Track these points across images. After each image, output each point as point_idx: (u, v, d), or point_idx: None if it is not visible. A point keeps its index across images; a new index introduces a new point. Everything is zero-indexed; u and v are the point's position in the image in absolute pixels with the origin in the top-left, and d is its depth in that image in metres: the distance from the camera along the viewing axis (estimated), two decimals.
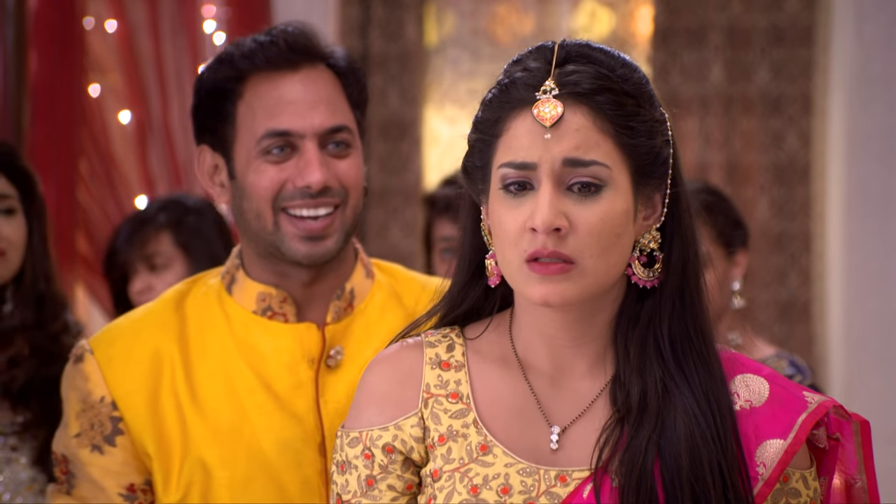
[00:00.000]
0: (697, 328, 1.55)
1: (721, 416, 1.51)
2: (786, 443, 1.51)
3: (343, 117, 1.90)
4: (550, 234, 1.47)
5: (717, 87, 4.83)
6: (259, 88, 1.88)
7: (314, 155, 1.86)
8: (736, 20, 4.85)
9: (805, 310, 4.82)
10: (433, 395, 1.58)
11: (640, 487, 1.48)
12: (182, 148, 4.30)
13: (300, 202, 1.86)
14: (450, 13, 5.12)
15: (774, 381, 1.56)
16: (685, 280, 1.55)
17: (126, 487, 1.88)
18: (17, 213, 2.48)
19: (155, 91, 4.28)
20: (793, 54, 4.83)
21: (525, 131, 1.50)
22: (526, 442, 1.55)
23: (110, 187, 4.25)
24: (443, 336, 1.62)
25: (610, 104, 1.50)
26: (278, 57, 1.87)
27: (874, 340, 4.78)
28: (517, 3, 5.09)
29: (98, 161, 4.23)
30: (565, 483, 1.52)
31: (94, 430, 1.88)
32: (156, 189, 4.28)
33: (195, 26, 4.31)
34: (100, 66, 4.25)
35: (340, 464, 1.59)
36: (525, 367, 1.58)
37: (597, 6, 5.06)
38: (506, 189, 1.51)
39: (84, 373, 1.89)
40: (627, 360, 1.55)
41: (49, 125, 3.93)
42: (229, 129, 1.90)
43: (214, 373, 1.89)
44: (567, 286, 1.49)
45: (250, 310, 1.92)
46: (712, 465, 1.49)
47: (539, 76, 1.51)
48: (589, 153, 1.48)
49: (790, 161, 4.84)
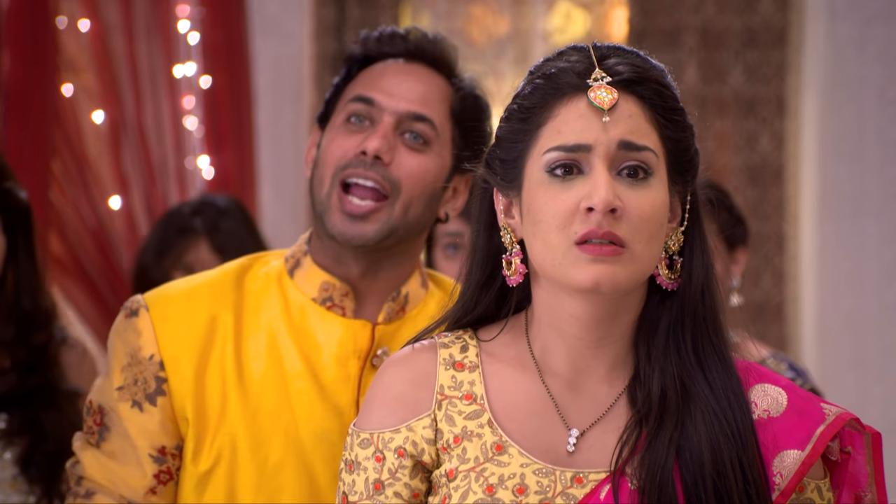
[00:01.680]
0: (717, 329, 1.56)
1: (741, 413, 1.52)
2: (803, 454, 1.51)
3: (432, 111, 1.91)
4: (606, 214, 1.48)
5: (691, 89, 4.85)
6: (372, 70, 1.94)
7: (384, 130, 1.88)
8: (710, 22, 4.87)
9: (778, 311, 4.85)
10: (447, 396, 1.57)
11: (661, 489, 1.48)
12: (156, 148, 4.28)
13: (352, 171, 1.88)
14: (425, 14, 5.12)
15: (792, 391, 1.56)
16: (707, 285, 1.56)
17: (157, 449, 1.88)
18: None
19: (129, 91, 4.27)
20: (766, 56, 4.86)
21: (577, 115, 1.51)
22: (541, 443, 1.54)
23: (84, 187, 4.23)
24: (456, 337, 1.61)
25: (654, 95, 1.53)
26: (402, 50, 1.93)
27: (847, 341, 4.80)
28: (492, 4, 5.10)
29: (71, 161, 4.21)
30: (582, 484, 1.51)
31: (138, 385, 1.88)
32: (129, 189, 4.26)
33: (169, 26, 4.29)
34: (73, 66, 4.23)
35: (349, 463, 1.58)
36: (542, 369, 1.57)
37: (572, 7, 5.07)
38: (552, 173, 1.51)
39: (137, 328, 1.89)
40: (648, 361, 1.55)
41: (22, 125, 3.91)
42: (333, 105, 1.96)
43: (264, 352, 1.90)
44: (618, 269, 1.48)
45: (311, 297, 1.92)
46: (733, 461, 1.49)
47: (586, 65, 1.53)
48: (642, 139, 1.50)
49: (763, 162, 4.87)
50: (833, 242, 4.81)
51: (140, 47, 4.27)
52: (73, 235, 4.23)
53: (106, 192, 4.25)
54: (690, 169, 1.57)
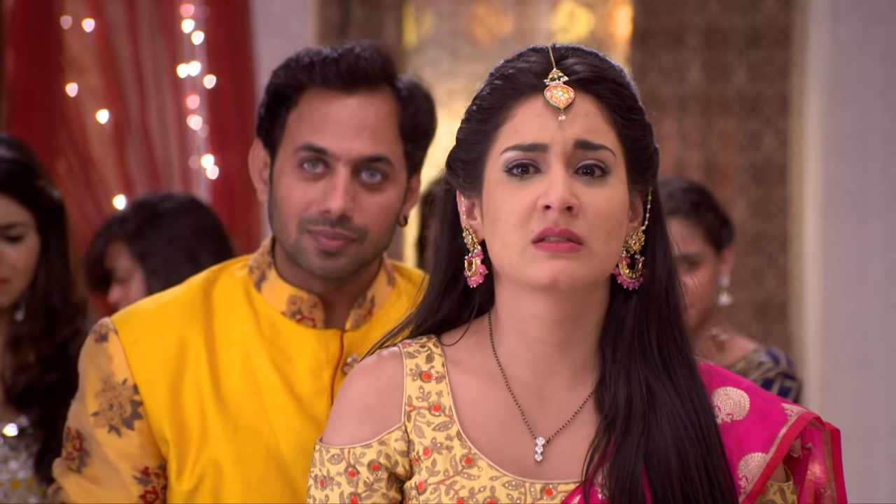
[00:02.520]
0: (682, 333, 1.57)
1: (705, 416, 1.52)
2: (767, 456, 1.52)
3: (385, 148, 1.90)
4: (562, 212, 1.48)
5: (694, 88, 4.86)
6: (312, 102, 1.90)
7: (342, 180, 1.87)
8: (713, 21, 4.87)
9: (782, 310, 4.85)
10: (415, 407, 1.56)
11: (631, 496, 1.48)
12: (160, 147, 4.29)
13: (321, 228, 1.87)
14: (429, 14, 5.13)
15: (754, 393, 1.57)
16: (670, 285, 1.56)
17: (140, 471, 1.87)
18: (26, 237, 2.47)
19: (133, 90, 4.27)
20: (770, 55, 4.86)
21: (534, 115, 1.51)
22: (510, 454, 1.54)
23: (88, 187, 4.23)
24: (420, 346, 1.61)
25: (611, 94, 1.53)
26: (335, 77, 1.89)
27: (851, 340, 4.81)
28: (496, 3, 5.11)
29: (76, 161, 4.22)
30: (551, 496, 1.52)
31: (113, 410, 1.88)
32: (134, 189, 4.27)
33: (173, 26, 4.30)
34: (77, 66, 4.23)
35: (320, 479, 1.57)
36: (508, 376, 1.57)
37: (575, 7, 5.08)
38: (509, 172, 1.51)
39: (107, 352, 1.89)
40: (614, 363, 1.55)
41: (26, 125, 3.91)
42: (278, 132, 1.93)
43: (239, 368, 1.90)
44: (576, 265, 1.48)
45: (280, 311, 1.92)
46: (699, 464, 1.49)
47: (544, 65, 1.53)
48: (598, 138, 1.51)
49: (767, 161, 4.87)
50: (837, 241, 4.82)
51: (144, 47, 4.28)
52: (77, 235, 4.22)
53: (110, 191, 4.26)
54: (650, 168, 1.57)
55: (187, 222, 3.23)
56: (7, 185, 2.44)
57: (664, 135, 4.85)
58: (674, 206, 2.78)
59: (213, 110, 4.27)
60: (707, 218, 2.79)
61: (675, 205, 2.78)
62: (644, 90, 4.91)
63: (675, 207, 2.78)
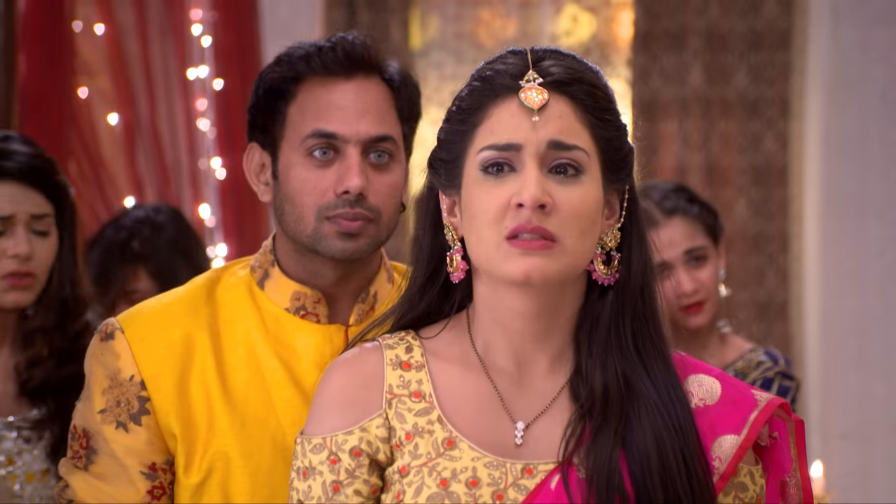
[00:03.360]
0: (656, 325, 1.60)
1: (682, 407, 1.56)
2: (740, 438, 1.57)
3: (390, 128, 1.92)
4: (535, 210, 1.52)
5: (696, 90, 4.88)
6: (312, 91, 1.92)
7: (356, 161, 1.89)
8: (714, 24, 4.89)
9: (782, 309, 4.86)
10: (396, 395, 1.59)
11: (609, 478, 1.52)
12: (169, 149, 4.32)
13: (340, 211, 1.89)
14: (434, 17, 5.16)
15: (725, 380, 1.62)
16: (645, 281, 1.60)
17: (148, 466, 1.89)
18: (51, 232, 2.50)
19: (143, 93, 4.30)
20: (770, 58, 4.88)
21: (509, 116, 1.55)
22: (491, 437, 1.57)
23: (99, 188, 4.27)
24: (399, 339, 1.64)
25: (586, 95, 1.57)
26: (334, 63, 1.91)
27: (850, 340, 4.83)
28: (500, 7, 5.14)
29: (87, 162, 4.26)
30: (532, 475, 1.55)
31: (121, 407, 1.89)
32: (144, 190, 4.31)
33: (183, 29, 4.33)
34: (88, 69, 4.27)
35: (303, 470, 1.60)
36: (486, 365, 1.61)
37: (578, 11, 5.11)
38: (485, 170, 1.55)
39: (114, 350, 1.91)
40: (590, 355, 1.58)
41: (38, 127, 3.92)
42: (278, 128, 1.94)
43: (245, 363, 1.91)
44: (549, 262, 1.53)
45: (283, 307, 1.94)
46: (676, 454, 1.53)
47: (520, 67, 1.57)
48: (571, 138, 1.55)
49: (768, 163, 4.89)
50: (836, 241, 4.84)
51: (154, 50, 4.31)
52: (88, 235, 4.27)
53: (121, 192, 4.30)
54: (624, 167, 1.60)
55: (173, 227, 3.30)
56: (34, 178, 2.47)
57: (666, 137, 4.88)
58: (671, 205, 2.82)
59: (221, 113, 4.31)
60: (703, 213, 2.85)
61: (672, 204, 2.83)
62: (646, 93, 4.99)
63: (672, 207, 2.82)
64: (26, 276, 2.46)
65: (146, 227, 3.29)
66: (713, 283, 2.82)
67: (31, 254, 2.45)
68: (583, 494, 1.52)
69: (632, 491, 1.52)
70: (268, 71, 1.96)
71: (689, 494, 1.52)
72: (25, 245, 2.44)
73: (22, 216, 2.46)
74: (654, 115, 4.88)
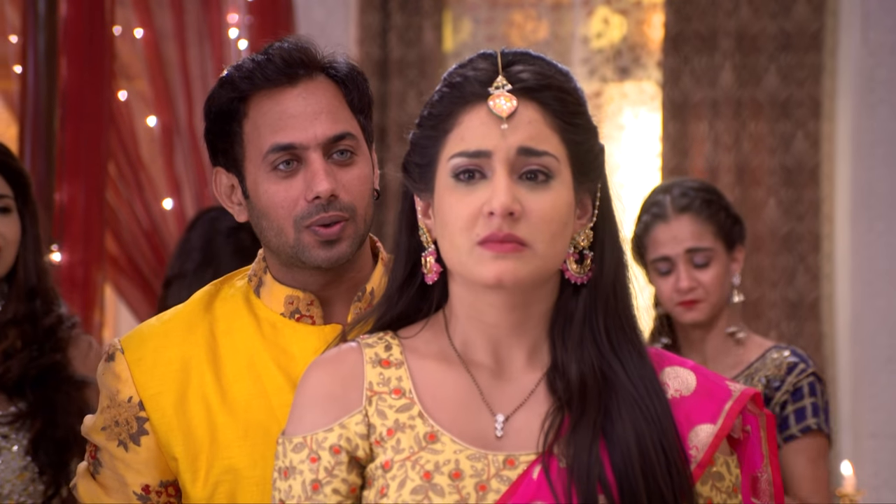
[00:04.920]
0: (629, 320, 1.62)
1: (658, 400, 1.58)
2: (716, 427, 1.59)
3: (345, 125, 1.91)
4: (505, 217, 1.54)
5: (726, 92, 4.89)
6: (262, 106, 1.90)
7: (320, 165, 1.88)
8: (745, 26, 4.91)
9: (813, 308, 4.86)
10: (376, 392, 1.61)
11: (589, 468, 1.54)
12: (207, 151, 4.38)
13: (316, 218, 1.89)
14: (466, 20, 5.21)
15: (700, 372, 1.64)
16: (618, 278, 1.62)
17: (142, 487, 1.92)
18: (12, 211, 2.55)
19: (181, 96, 4.36)
20: (801, 59, 4.88)
21: (479, 123, 1.57)
22: (472, 431, 1.59)
23: (138, 189, 4.33)
24: (378, 338, 1.65)
25: (555, 101, 1.58)
26: (275, 73, 1.90)
27: (881, 339, 4.83)
28: (532, 10, 5.17)
29: (126, 164, 4.32)
30: (514, 466, 1.56)
31: (120, 427, 1.92)
32: (181, 191, 4.37)
33: (219, 33, 4.39)
34: (128, 72, 4.34)
35: (283, 470, 1.60)
36: (465, 361, 1.62)
37: (609, 13, 5.14)
38: (457, 177, 1.57)
39: (114, 371, 1.94)
40: (565, 350, 1.61)
41: (79, 129, 3.98)
42: (238, 148, 1.93)
43: (244, 373, 1.92)
44: (520, 265, 1.55)
45: (279, 312, 1.95)
46: (655, 445, 1.55)
47: (490, 73, 1.58)
48: (541, 144, 1.57)
49: (798, 163, 4.90)
50: (867, 241, 4.84)
51: (191, 54, 4.37)
52: (127, 235, 4.34)
53: (159, 193, 4.36)
54: (594, 168, 1.62)
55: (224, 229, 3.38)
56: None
57: (697, 138, 4.90)
58: (686, 202, 2.85)
59: None
60: (718, 216, 2.85)
61: (687, 201, 2.85)
62: (676, 94, 5.02)
63: (686, 204, 2.85)
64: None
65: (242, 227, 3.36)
66: (714, 286, 2.83)
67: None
68: (564, 483, 1.54)
69: (613, 480, 1.53)
70: (214, 95, 1.95)
71: (668, 483, 1.54)
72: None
73: None
74: (684, 116, 4.90)
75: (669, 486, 1.55)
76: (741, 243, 2.90)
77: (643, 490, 1.53)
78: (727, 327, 2.89)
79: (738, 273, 2.89)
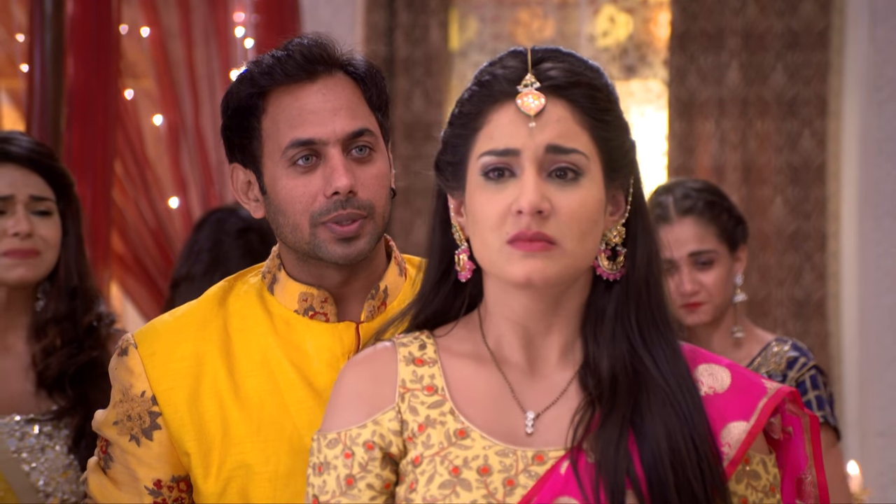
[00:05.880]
0: (663, 317, 1.62)
1: (690, 395, 1.58)
2: (749, 424, 1.59)
3: (364, 121, 1.91)
4: (534, 216, 1.54)
5: (733, 90, 4.89)
6: (281, 102, 1.91)
7: (339, 160, 1.88)
8: (752, 24, 4.90)
9: (820, 307, 4.86)
10: (409, 389, 1.62)
11: (616, 462, 1.54)
12: (213, 150, 4.38)
13: (333, 215, 1.89)
14: (472, 18, 5.21)
15: (735, 370, 1.64)
16: (650, 273, 1.62)
17: (154, 482, 1.92)
18: (53, 214, 2.56)
19: (187, 95, 4.37)
20: (808, 57, 4.88)
21: (507, 121, 1.57)
22: (502, 427, 1.60)
23: (144, 188, 4.34)
24: (413, 337, 1.67)
25: (585, 98, 1.58)
26: (296, 69, 1.90)
27: (888, 337, 4.83)
28: (538, 8, 5.17)
29: (132, 162, 4.32)
30: (542, 462, 1.57)
31: (132, 421, 1.92)
32: (188, 190, 4.37)
33: (226, 32, 4.40)
34: (134, 71, 4.34)
35: (318, 465, 1.62)
36: (498, 360, 1.63)
37: (616, 11, 5.14)
38: (486, 176, 1.57)
39: (128, 366, 1.94)
40: (597, 347, 1.61)
41: (85, 127, 3.99)
42: (256, 144, 1.93)
43: (257, 369, 1.92)
44: (549, 264, 1.55)
45: (292, 309, 1.95)
46: (686, 441, 1.55)
47: (519, 72, 1.59)
48: (570, 142, 1.57)
49: (805, 162, 4.89)
50: (874, 239, 4.84)
51: (198, 53, 4.38)
52: (133, 234, 4.35)
53: (165, 192, 4.37)
54: (626, 165, 1.62)
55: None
56: (34, 162, 2.54)
57: (703, 137, 4.90)
58: (688, 205, 2.85)
59: None
60: (721, 217, 2.85)
61: (689, 204, 2.85)
62: (683, 93, 5.01)
63: (689, 206, 2.85)
64: (29, 253, 2.52)
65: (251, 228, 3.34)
66: (717, 287, 2.83)
67: (31, 231, 2.51)
68: (591, 478, 1.54)
69: (643, 475, 1.53)
70: (232, 91, 1.94)
71: (699, 479, 1.54)
72: (25, 222, 2.50)
73: (21, 197, 2.52)
74: (691, 114, 4.90)
75: (700, 483, 1.54)
76: (744, 243, 2.90)
77: (673, 486, 1.53)
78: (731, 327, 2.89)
79: (741, 273, 2.89)
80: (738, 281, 2.88)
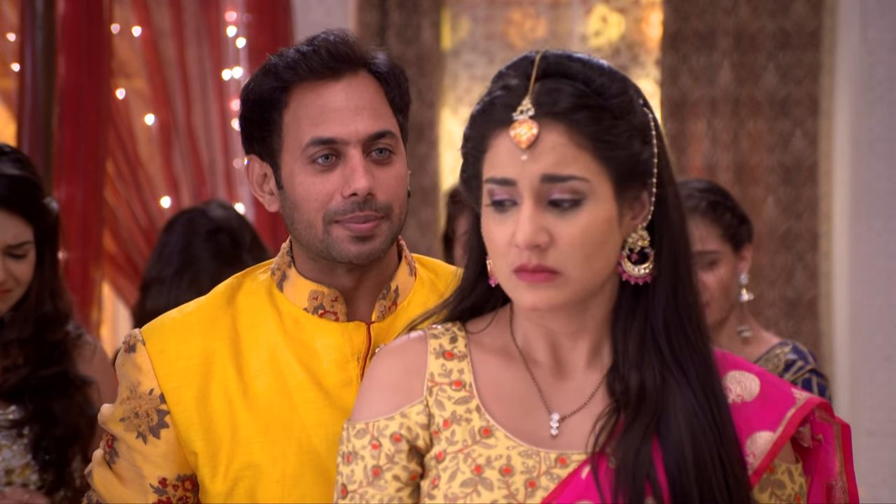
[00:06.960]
0: (693, 321, 1.59)
1: (718, 407, 1.56)
2: (775, 435, 1.58)
3: (386, 122, 1.89)
4: (533, 249, 1.53)
5: (725, 90, 4.90)
6: (304, 97, 1.88)
7: (359, 162, 1.86)
8: (744, 24, 4.91)
9: (811, 307, 4.88)
10: (437, 383, 1.63)
11: (636, 469, 1.53)
12: (205, 150, 4.37)
13: (350, 216, 1.87)
14: (465, 18, 5.21)
15: (764, 378, 1.63)
16: (678, 275, 1.59)
17: (159, 480, 1.91)
18: (30, 252, 2.54)
19: (179, 94, 4.36)
20: (799, 57, 4.89)
21: (504, 150, 1.55)
22: (526, 427, 1.60)
23: (136, 188, 4.33)
24: (445, 329, 1.67)
25: (587, 121, 1.54)
26: (320, 66, 1.87)
27: (879, 336, 4.84)
28: (530, 8, 5.18)
29: (124, 162, 4.31)
30: (565, 465, 1.57)
31: (140, 418, 1.91)
32: (180, 189, 4.37)
33: (218, 31, 4.39)
34: (126, 71, 4.33)
35: (346, 455, 1.63)
36: (526, 358, 1.63)
37: (608, 11, 5.14)
38: (492, 204, 1.56)
39: (136, 363, 1.92)
40: (626, 352, 1.59)
41: (77, 127, 3.97)
42: (276, 138, 1.91)
43: (266, 368, 1.90)
44: (553, 293, 1.54)
45: (302, 307, 1.93)
46: (712, 454, 1.53)
47: (517, 95, 1.55)
48: (566, 168, 1.53)
49: (797, 161, 4.90)
50: (865, 239, 4.85)
51: (190, 52, 4.37)
52: (125, 234, 4.33)
53: (157, 192, 4.36)
54: (640, 172, 1.57)
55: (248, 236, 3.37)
56: (16, 204, 2.50)
57: (695, 136, 4.90)
58: (692, 205, 2.84)
59: None
60: (724, 217, 2.84)
61: (692, 204, 2.84)
62: (675, 93, 5.01)
63: (692, 207, 2.84)
64: (3, 293, 2.51)
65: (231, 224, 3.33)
66: (720, 288, 2.83)
67: (6, 278, 2.50)
68: (611, 484, 1.53)
69: (666, 485, 1.53)
70: (255, 82, 1.92)
71: (724, 492, 1.53)
72: (1, 272, 2.49)
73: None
74: (683, 114, 4.90)
75: (725, 495, 1.53)
76: (749, 242, 2.89)
77: (697, 496, 1.52)
78: (738, 326, 2.89)
79: (746, 272, 2.89)
80: (743, 280, 2.88)
